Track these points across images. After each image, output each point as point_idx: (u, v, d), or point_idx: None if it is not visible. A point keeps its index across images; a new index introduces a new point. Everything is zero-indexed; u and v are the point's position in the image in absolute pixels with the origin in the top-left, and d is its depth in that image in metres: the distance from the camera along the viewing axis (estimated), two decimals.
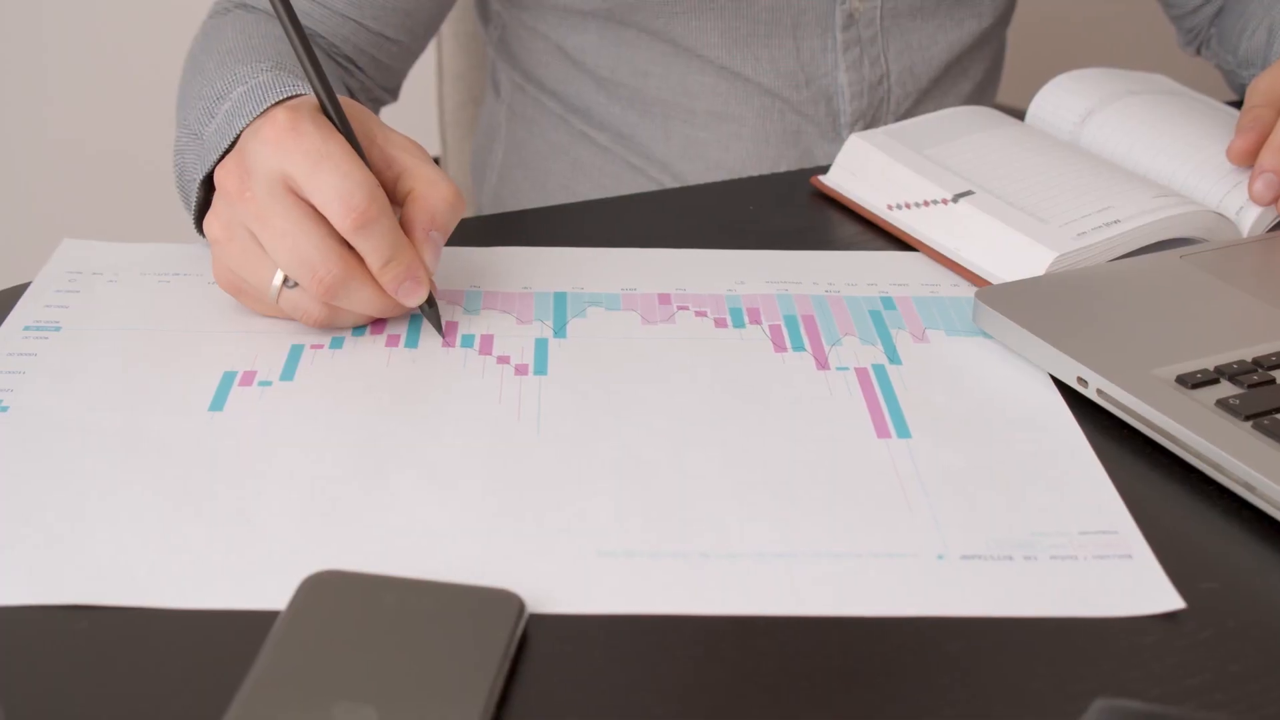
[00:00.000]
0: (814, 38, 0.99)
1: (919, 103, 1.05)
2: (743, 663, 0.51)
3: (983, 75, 1.10)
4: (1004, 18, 1.09)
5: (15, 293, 0.74)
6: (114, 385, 0.65)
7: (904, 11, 1.01)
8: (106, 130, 1.92)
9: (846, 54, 1.00)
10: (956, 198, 0.79)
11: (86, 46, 1.88)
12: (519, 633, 0.50)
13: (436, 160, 1.36)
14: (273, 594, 0.52)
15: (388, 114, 2.01)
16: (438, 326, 0.70)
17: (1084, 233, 0.75)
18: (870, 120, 1.03)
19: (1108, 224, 0.75)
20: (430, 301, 0.69)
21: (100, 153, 1.94)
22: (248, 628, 0.51)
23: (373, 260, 0.66)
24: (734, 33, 0.98)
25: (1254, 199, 0.78)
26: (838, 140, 1.02)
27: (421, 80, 1.27)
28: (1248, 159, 0.79)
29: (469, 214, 1.33)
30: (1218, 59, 1.09)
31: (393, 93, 1.01)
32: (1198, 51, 1.12)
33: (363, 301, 0.68)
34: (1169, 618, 0.53)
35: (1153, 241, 0.76)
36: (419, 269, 0.67)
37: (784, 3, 0.98)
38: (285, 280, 0.67)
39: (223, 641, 0.51)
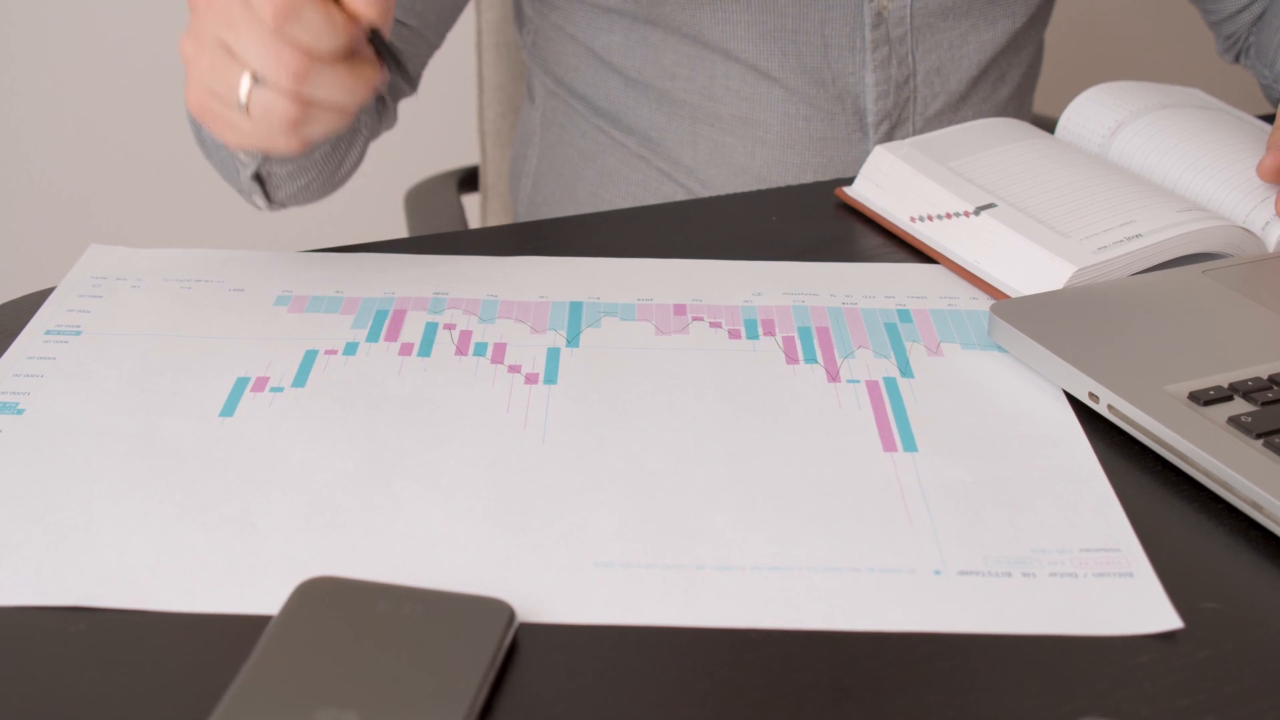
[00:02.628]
0: (841, 35, 0.99)
1: (956, 108, 1.05)
2: (732, 676, 0.50)
3: (1020, 80, 1.09)
4: (1038, 19, 1.08)
5: (41, 297, 0.75)
6: (128, 389, 0.66)
7: (935, 10, 1.00)
8: (142, 135, 1.94)
9: (875, 53, 0.99)
10: (978, 210, 0.79)
11: (119, 50, 1.90)
12: (508, 641, 0.50)
13: (475, 170, 1.37)
14: (271, 599, 0.53)
15: (423, 122, 2.01)
16: (390, 57, 0.68)
17: (1105, 246, 0.74)
18: (896, 121, 1.02)
19: (1129, 238, 0.75)
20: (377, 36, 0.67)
21: (135, 158, 1.96)
22: (244, 632, 0.51)
23: None
24: (760, 26, 0.98)
25: None
26: (864, 143, 1.02)
27: (461, 90, 1.29)
28: (1277, 176, 0.78)
29: (504, 220, 1.33)
30: (1255, 71, 1.08)
31: (410, 83, 1.02)
32: (1236, 59, 1.11)
33: (332, 85, 0.65)
34: (1167, 637, 0.52)
35: (1176, 256, 0.75)
36: None
37: None
38: (255, 83, 0.65)
39: (219, 645, 0.51)
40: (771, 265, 0.80)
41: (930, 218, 0.81)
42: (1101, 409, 0.64)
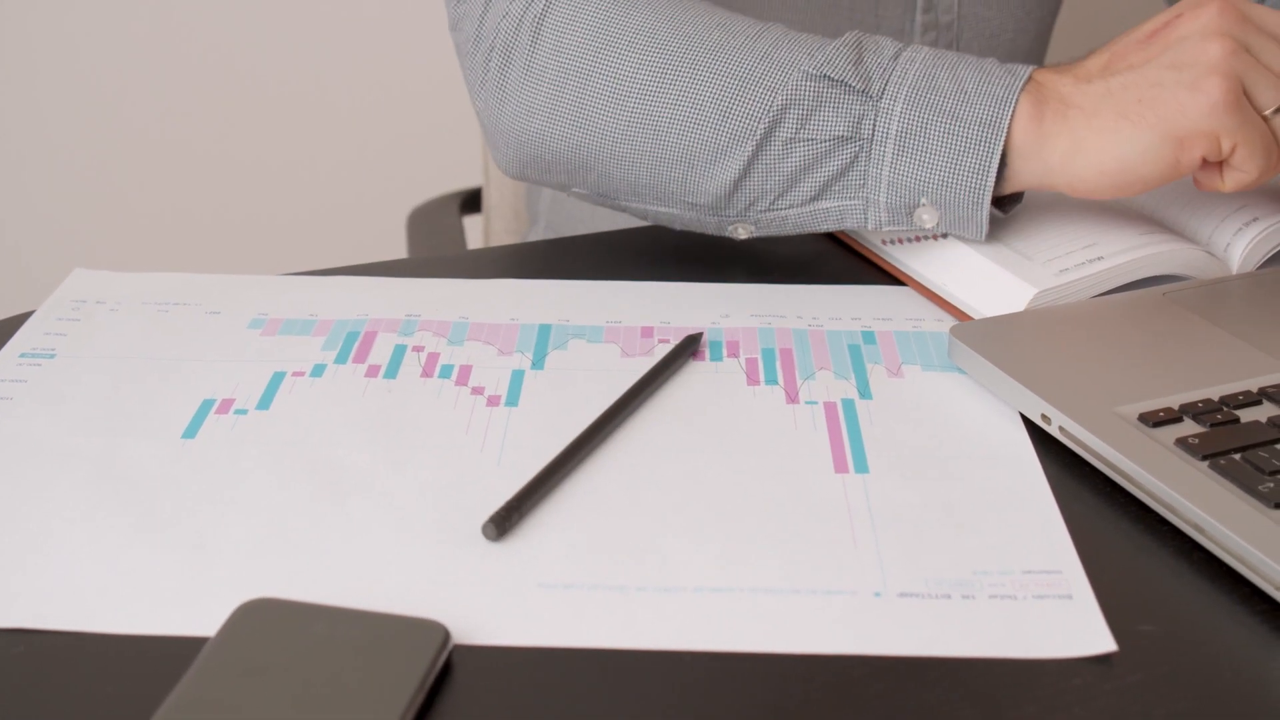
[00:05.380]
0: (894, 18, 1.01)
1: None
2: (664, 697, 0.51)
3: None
4: (1053, 6, 1.11)
5: (21, 320, 0.76)
6: (95, 412, 0.67)
7: None
8: (145, 154, 1.96)
9: (924, 36, 1.01)
10: (946, 232, 0.79)
11: (117, 68, 1.92)
12: (440, 663, 0.51)
13: (478, 191, 1.38)
14: (217, 621, 0.53)
15: (428, 144, 2.01)
16: None
17: (1066, 269, 0.74)
18: None
19: (1091, 260, 0.75)
20: None
21: (131, 180, 1.97)
22: (187, 654, 0.51)
23: None
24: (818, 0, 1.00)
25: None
26: None
27: (466, 112, 1.29)
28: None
29: (505, 241, 1.34)
30: None
31: None
32: None
33: None
34: (1101, 660, 0.52)
35: (1137, 278, 0.75)
36: None
37: None
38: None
39: (160, 667, 0.51)
40: (741, 288, 0.80)
41: (901, 240, 0.81)
42: (1054, 430, 0.64)
